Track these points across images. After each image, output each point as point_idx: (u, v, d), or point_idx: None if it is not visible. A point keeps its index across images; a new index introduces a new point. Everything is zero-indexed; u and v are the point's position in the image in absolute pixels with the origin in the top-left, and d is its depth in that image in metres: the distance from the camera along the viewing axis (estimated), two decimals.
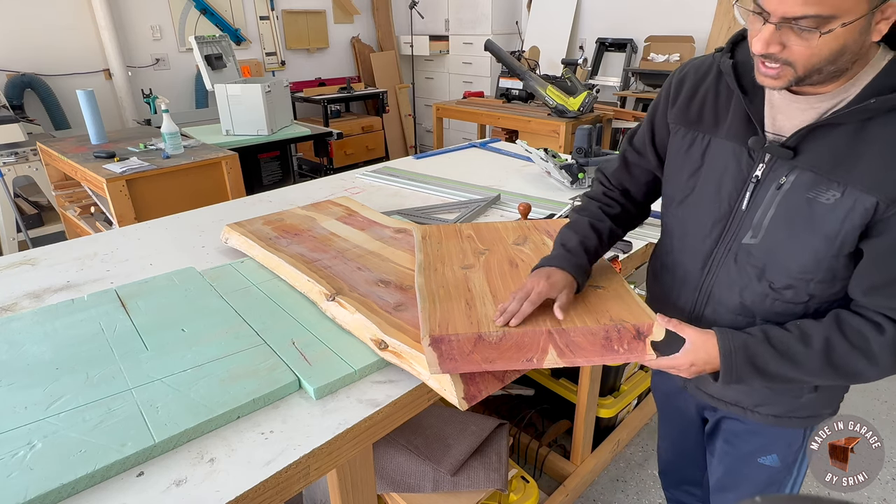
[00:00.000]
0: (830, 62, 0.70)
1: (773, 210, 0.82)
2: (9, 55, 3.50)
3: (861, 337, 0.77)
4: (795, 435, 0.98)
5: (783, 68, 0.72)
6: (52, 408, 0.79)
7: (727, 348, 0.81)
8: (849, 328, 0.78)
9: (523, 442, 1.86)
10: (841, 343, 0.78)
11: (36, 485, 0.66)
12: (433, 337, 0.80)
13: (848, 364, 0.78)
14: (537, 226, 1.28)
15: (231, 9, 4.47)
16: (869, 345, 0.77)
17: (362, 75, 5.53)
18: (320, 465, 0.77)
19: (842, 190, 0.75)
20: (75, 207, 2.66)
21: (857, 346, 0.77)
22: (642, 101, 4.27)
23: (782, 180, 0.80)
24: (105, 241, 1.49)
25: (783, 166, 0.80)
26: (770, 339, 0.81)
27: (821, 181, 0.76)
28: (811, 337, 0.80)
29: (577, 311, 0.88)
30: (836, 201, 0.75)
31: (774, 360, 0.80)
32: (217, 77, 3.01)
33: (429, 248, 1.15)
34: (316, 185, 2.00)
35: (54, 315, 1.05)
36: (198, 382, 0.85)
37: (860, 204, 0.73)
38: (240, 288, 1.15)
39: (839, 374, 0.79)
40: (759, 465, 1.02)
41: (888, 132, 0.72)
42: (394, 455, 1.32)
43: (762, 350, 0.81)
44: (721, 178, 0.87)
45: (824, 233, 0.77)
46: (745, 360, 0.81)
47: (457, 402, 0.81)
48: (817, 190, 0.77)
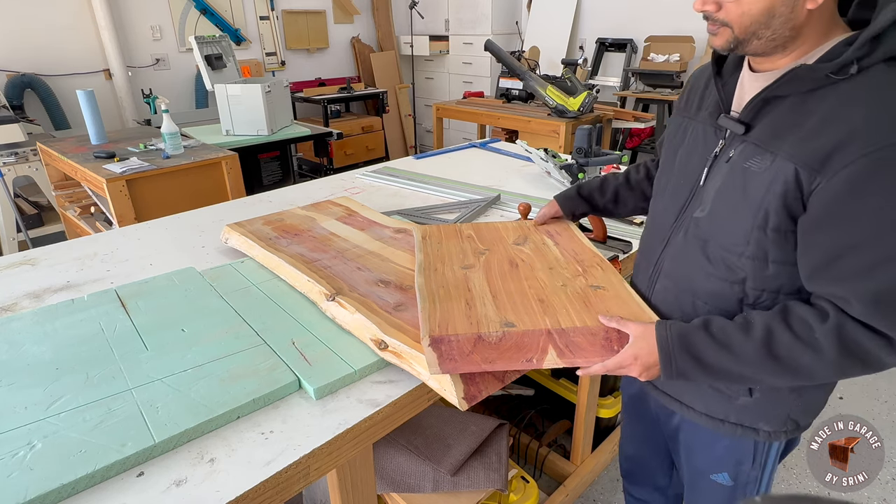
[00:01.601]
0: (763, 24, 0.73)
1: (718, 182, 0.84)
2: (9, 55, 3.50)
3: (805, 326, 0.73)
4: (744, 451, 0.95)
5: (722, 28, 0.77)
6: (52, 408, 0.79)
7: (663, 337, 0.79)
8: (794, 317, 0.75)
9: (523, 442, 1.86)
10: (783, 332, 0.74)
11: (36, 485, 0.66)
12: (433, 337, 0.80)
13: (791, 356, 0.73)
14: (537, 229, 1.28)
15: (231, 9, 4.47)
16: (812, 334, 0.72)
17: (362, 75, 5.53)
18: (320, 465, 0.77)
19: (771, 159, 0.76)
20: (75, 207, 2.66)
21: (801, 336, 0.73)
22: (642, 101, 4.27)
23: (731, 153, 0.83)
24: (105, 241, 1.49)
25: (736, 140, 0.82)
26: (709, 327, 0.78)
27: (757, 151, 0.78)
28: (752, 325, 0.76)
29: (576, 311, 0.87)
30: (765, 170, 0.77)
31: (713, 349, 0.77)
32: (217, 77, 3.01)
33: (429, 248, 1.15)
34: (316, 185, 2.00)
35: (54, 315, 1.05)
36: (198, 382, 0.85)
37: (781, 172, 0.74)
38: (240, 288, 1.15)
39: (784, 368, 0.74)
40: (713, 482, 1.01)
41: (825, 105, 0.72)
42: (394, 455, 1.32)
43: (700, 338, 0.78)
44: (690, 157, 0.91)
45: (750, 202, 0.78)
46: (681, 348, 0.78)
47: (457, 402, 0.81)
48: (753, 160, 0.78)
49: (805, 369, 0.74)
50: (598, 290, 0.94)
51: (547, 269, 1.04)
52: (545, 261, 1.08)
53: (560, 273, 1.02)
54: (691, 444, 1.03)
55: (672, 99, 4.04)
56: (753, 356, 0.75)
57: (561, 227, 1.25)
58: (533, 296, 0.93)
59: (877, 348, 0.70)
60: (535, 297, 0.92)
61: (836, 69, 0.71)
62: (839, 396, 2.36)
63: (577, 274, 1.01)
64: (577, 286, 0.96)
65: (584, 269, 1.03)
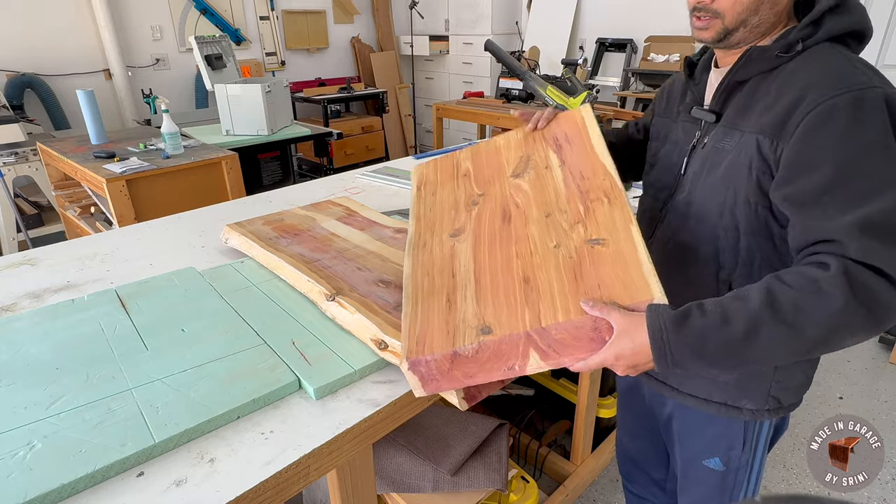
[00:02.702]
0: (752, 11, 0.79)
1: (696, 166, 0.91)
2: (9, 55, 3.50)
3: (805, 279, 0.68)
4: (735, 435, 0.97)
5: (712, 20, 0.81)
6: (52, 408, 0.79)
7: (655, 326, 0.70)
8: (790, 275, 0.70)
9: (523, 442, 1.86)
10: (784, 290, 0.68)
11: (36, 485, 0.66)
12: (410, 361, 0.77)
13: (800, 314, 0.67)
14: (545, 135, 1.09)
15: (231, 9, 4.47)
16: (818, 284, 0.67)
17: (362, 75, 5.53)
18: (320, 465, 0.77)
19: (739, 136, 0.84)
20: (75, 207, 2.66)
21: (804, 289, 0.67)
22: (642, 102, 4.27)
23: (706, 140, 0.91)
24: (105, 241, 1.49)
25: (710, 128, 0.91)
26: (702, 307, 0.71)
27: (727, 133, 0.86)
28: (748, 293, 0.70)
29: (563, 293, 0.76)
30: (733, 147, 0.84)
31: (712, 329, 0.69)
32: (217, 77, 3.01)
33: (422, 206, 1.08)
34: (316, 185, 2.00)
35: (54, 315, 1.05)
36: (198, 382, 0.85)
37: (746, 146, 0.82)
38: (240, 288, 1.15)
39: (795, 331, 0.67)
40: (706, 468, 1.03)
41: (777, 81, 0.80)
42: (394, 455, 1.32)
43: (695, 320, 0.70)
44: (671, 153, 0.99)
45: (722, 177, 0.85)
46: (677, 336, 0.69)
47: (457, 402, 0.81)
48: (724, 141, 0.86)
49: (812, 326, 0.67)
50: (595, 248, 0.81)
51: (543, 216, 0.92)
52: (543, 201, 0.95)
53: (556, 223, 0.90)
54: (683, 430, 1.05)
55: None
56: (756, 324, 0.68)
57: (573, 129, 1.05)
58: (518, 273, 0.84)
59: (882, 289, 0.66)
60: (520, 275, 0.83)
61: (784, 48, 0.80)
62: (839, 396, 2.36)
63: (576, 220, 0.88)
64: (572, 245, 0.84)
65: (585, 209, 0.89)
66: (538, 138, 1.10)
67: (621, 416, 1.30)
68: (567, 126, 1.07)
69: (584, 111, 1.08)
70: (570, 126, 1.07)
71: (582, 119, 1.07)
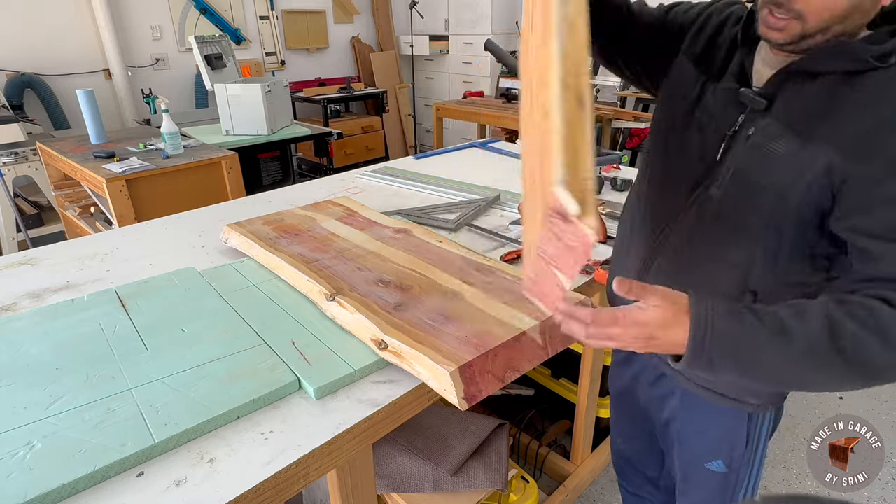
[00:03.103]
0: (840, 20, 0.67)
1: (738, 162, 0.78)
2: (9, 55, 3.50)
3: (868, 312, 0.63)
4: (738, 436, 0.95)
5: (791, 21, 0.68)
6: (52, 408, 0.79)
7: (702, 317, 0.64)
8: (852, 303, 0.64)
9: (523, 442, 1.86)
10: (845, 320, 0.62)
11: (36, 485, 0.66)
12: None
13: (859, 348, 0.62)
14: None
15: (231, 9, 4.47)
16: (880, 320, 0.62)
17: (362, 75, 5.53)
18: (320, 465, 0.77)
19: (800, 144, 0.71)
20: (75, 207, 2.66)
21: (866, 324, 0.62)
22: (642, 101, 4.27)
23: (751, 131, 0.77)
24: (105, 241, 1.49)
25: (757, 117, 0.77)
26: (757, 313, 0.65)
27: (782, 132, 0.73)
28: (806, 311, 0.64)
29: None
30: (791, 154, 0.72)
31: (767, 343, 0.63)
32: (217, 77, 3.01)
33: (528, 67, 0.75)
34: (316, 185, 2.00)
35: (54, 315, 1.04)
36: (198, 382, 0.85)
37: (812, 158, 0.69)
38: (240, 288, 1.15)
39: (851, 365, 0.62)
40: (707, 470, 1.01)
41: (865, 91, 0.68)
42: (394, 455, 1.32)
43: (748, 322, 0.64)
44: (706, 127, 0.84)
45: (771, 187, 0.73)
46: (722, 333, 0.64)
47: (457, 402, 0.81)
48: (778, 142, 0.73)
49: (869, 363, 0.62)
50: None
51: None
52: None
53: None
54: (684, 433, 1.02)
55: None
56: (815, 348, 0.62)
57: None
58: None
59: None
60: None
61: (879, 55, 0.67)
62: (839, 396, 2.36)
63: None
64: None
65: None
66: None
67: (615, 418, 1.29)
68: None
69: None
70: None
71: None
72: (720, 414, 0.95)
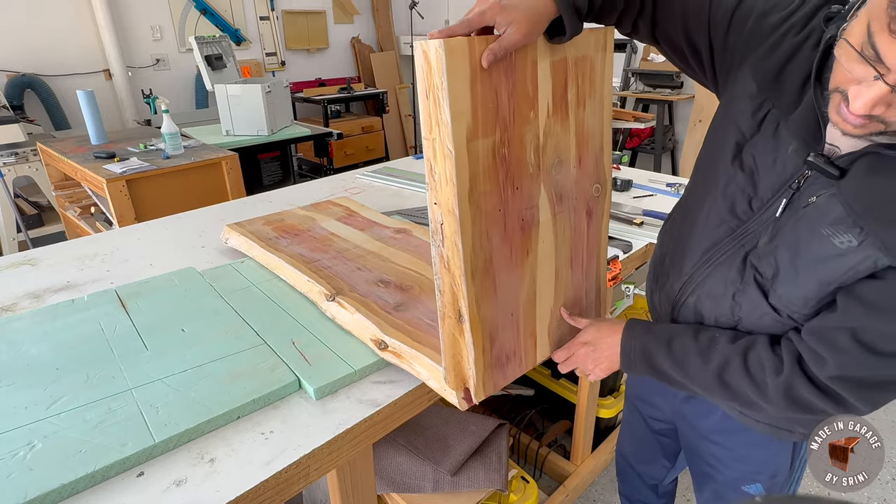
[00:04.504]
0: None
1: (789, 234, 0.71)
2: (9, 55, 3.50)
3: (760, 369, 0.74)
4: (782, 462, 0.94)
5: (872, 123, 0.59)
6: (53, 408, 0.79)
7: (627, 346, 0.87)
8: (754, 356, 0.75)
9: (523, 442, 1.86)
10: (738, 367, 0.76)
11: (36, 485, 0.66)
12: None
13: (740, 389, 0.76)
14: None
15: (231, 9, 4.47)
16: (764, 378, 0.73)
17: (362, 75, 5.53)
18: (320, 465, 0.77)
19: (860, 238, 0.64)
20: (75, 207, 2.66)
21: (753, 376, 0.74)
22: (642, 102, 4.27)
23: (812, 199, 0.69)
24: (105, 241, 1.49)
25: (820, 183, 0.68)
26: (671, 345, 0.83)
27: (845, 219, 0.65)
28: (712, 353, 0.79)
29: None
30: (850, 251, 0.65)
31: (669, 362, 0.83)
32: (217, 77, 3.02)
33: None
34: (316, 186, 2.00)
35: (54, 315, 1.05)
36: (198, 382, 0.85)
37: (865, 256, 0.64)
38: (240, 288, 1.15)
39: (734, 396, 0.78)
40: (744, 492, 1.00)
41: None
42: (394, 455, 1.32)
43: (661, 355, 0.84)
44: (764, 170, 0.74)
45: (822, 276, 0.68)
46: (642, 357, 0.85)
47: (457, 402, 0.81)
48: (836, 230, 0.66)
49: (750, 404, 0.78)
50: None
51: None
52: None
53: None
54: (723, 456, 0.99)
55: (672, 99, 4.03)
56: (703, 380, 0.80)
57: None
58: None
59: (827, 407, 0.71)
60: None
61: None
62: None
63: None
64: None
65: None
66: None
67: (628, 420, 1.28)
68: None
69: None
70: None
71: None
72: (765, 439, 0.93)
